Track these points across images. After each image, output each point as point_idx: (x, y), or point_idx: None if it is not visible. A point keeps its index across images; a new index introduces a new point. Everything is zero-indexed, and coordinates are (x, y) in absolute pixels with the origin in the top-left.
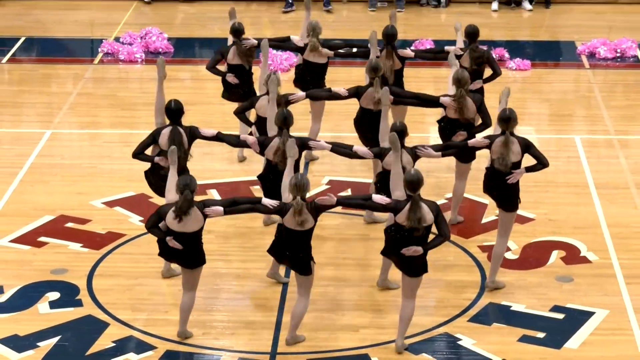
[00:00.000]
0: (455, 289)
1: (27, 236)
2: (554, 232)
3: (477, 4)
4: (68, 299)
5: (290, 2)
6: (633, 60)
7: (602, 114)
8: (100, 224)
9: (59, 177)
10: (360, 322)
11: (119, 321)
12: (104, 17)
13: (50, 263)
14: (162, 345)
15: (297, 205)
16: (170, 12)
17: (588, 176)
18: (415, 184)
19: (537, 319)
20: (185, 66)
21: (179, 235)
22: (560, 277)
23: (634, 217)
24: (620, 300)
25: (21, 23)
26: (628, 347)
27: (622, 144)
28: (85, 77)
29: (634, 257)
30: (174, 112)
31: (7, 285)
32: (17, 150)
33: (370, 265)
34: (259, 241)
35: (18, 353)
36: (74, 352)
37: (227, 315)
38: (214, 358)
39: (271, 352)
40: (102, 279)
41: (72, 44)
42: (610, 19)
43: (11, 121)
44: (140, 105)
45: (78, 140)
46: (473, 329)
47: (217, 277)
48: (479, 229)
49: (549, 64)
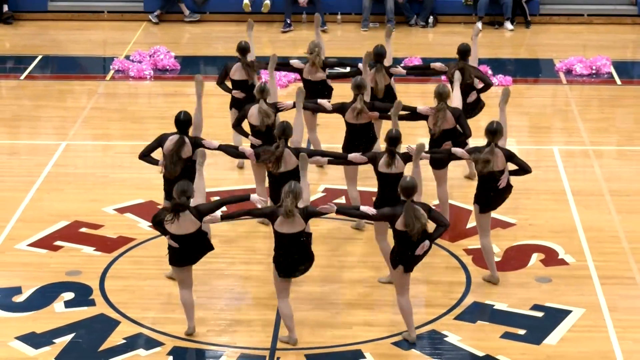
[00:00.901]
0: (442, 289)
1: (44, 240)
2: (533, 236)
3: (462, 24)
4: (82, 299)
5: (289, 23)
6: (607, 76)
7: (578, 126)
8: (111, 229)
9: (73, 185)
10: (353, 320)
11: (129, 319)
12: (116, 37)
13: (65, 265)
14: (169, 341)
15: (286, 208)
16: (177, 32)
17: (565, 184)
18: (410, 190)
19: (518, 317)
20: (191, 82)
21: (176, 236)
22: (539, 278)
23: (608, 222)
24: (596, 299)
25: (38, 42)
26: (603, 343)
27: (596, 154)
28: (98, 92)
29: (608, 259)
30: (182, 122)
31: (25, 286)
32: (34, 160)
33: (362, 267)
34: (259, 245)
35: (35, 349)
36: (88, 348)
37: (229, 314)
38: (217, 354)
39: (271, 347)
40: (114, 280)
41: (86, 61)
42: (586, 38)
43: (29, 133)
44: (148, 119)
45: (91, 151)
46: (458, 326)
47: (220, 278)
48: (464, 234)
49: (529, 80)
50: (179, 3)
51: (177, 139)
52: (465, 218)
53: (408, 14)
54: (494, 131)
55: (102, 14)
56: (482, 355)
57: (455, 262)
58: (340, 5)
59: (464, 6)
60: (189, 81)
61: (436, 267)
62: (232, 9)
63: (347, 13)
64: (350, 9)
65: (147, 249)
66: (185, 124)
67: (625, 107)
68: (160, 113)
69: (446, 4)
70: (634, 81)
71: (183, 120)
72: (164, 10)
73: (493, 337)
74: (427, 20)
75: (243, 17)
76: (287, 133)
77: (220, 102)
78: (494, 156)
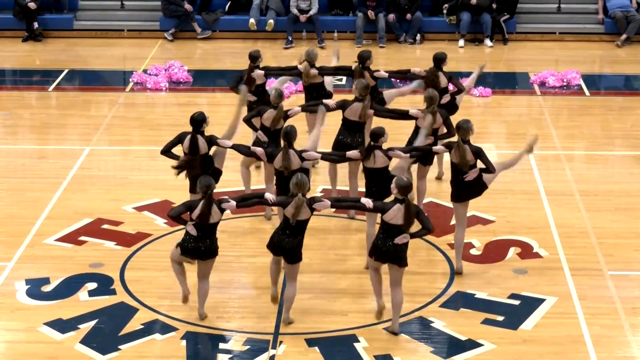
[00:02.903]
0: (428, 279)
1: (69, 236)
2: (511, 232)
3: (446, 41)
4: (104, 289)
5: (290, 40)
6: (577, 88)
7: (551, 133)
8: (131, 226)
9: (96, 186)
10: (349, 307)
11: (146, 307)
12: (134, 53)
13: (89, 258)
14: (183, 327)
15: (298, 200)
16: (190, 48)
17: (539, 185)
18: (407, 188)
19: (497, 305)
20: (202, 93)
21: (199, 226)
22: (516, 269)
23: (577, 219)
24: (567, 289)
25: (65, 57)
26: (573, 328)
27: (567, 158)
28: (118, 102)
29: (578, 253)
30: (197, 121)
31: (53, 277)
32: (61, 163)
33: (356, 257)
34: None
35: (62, 334)
36: (109, 332)
37: (237, 302)
38: (226, 338)
39: (274, 332)
40: (133, 271)
41: (108, 75)
42: (558, 53)
43: (56, 139)
44: (164, 126)
45: (112, 155)
46: (443, 313)
47: (229, 270)
48: (447, 230)
49: (507, 91)
50: (192, 22)
51: (191, 136)
52: (449, 215)
53: (398, 32)
54: (458, 127)
55: (123, 32)
56: (465, 339)
57: (441, 255)
58: (336, 24)
59: (448, 25)
60: (200, 92)
61: (423, 259)
62: (240, 27)
63: (343, 31)
64: (345, 27)
65: (163, 243)
66: (199, 123)
67: (593, 115)
68: (175, 121)
69: (432, 23)
70: (601, 92)
71: (198, 119)
72: (178, 29)
73: (474, 323)
74: (415, 38)
75: (249, 35)
76: (290, 137)
77: (230, 112)
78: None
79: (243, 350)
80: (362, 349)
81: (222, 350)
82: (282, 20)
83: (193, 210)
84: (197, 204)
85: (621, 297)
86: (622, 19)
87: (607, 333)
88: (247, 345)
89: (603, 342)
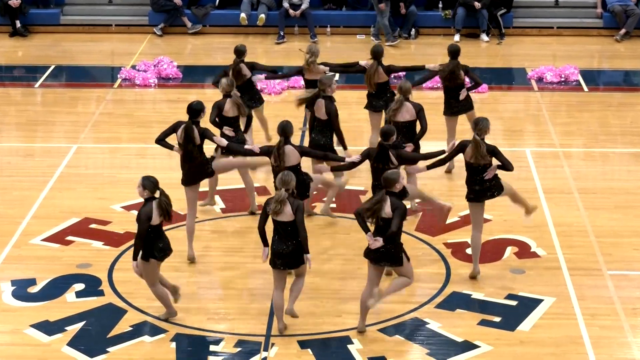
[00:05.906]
0: (423, 279)
1: (56, 235)
2: (508, 230)
3: (442, 36)
4: (92, 290)
5: (282, 35)
6: (575, 84)
7: (548, 129)
8: (119, 225)
9: (83, 184)
10: (342, 308)
11: (135, 308)
12: (123, 48)
13: (76, 259)
14: (172, 329)
15: (279, 196)
16: (180, 44)
17: (537, 183)
18: (388, 181)
19: (494, 306)
20: (192, 89)
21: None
22: (513, 269)
23: (576, 217)
24: (565, 289)
25: (51, 53)
26: (572, 329)
27: (565, 155)
28: (106, 99)
29: (576, 252)
30: (195, 110)
31: (40, 278)
32: (48, 161)
33: (350, 259)
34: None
35: (49, 336)
36: (97, 335)
37: (228, 303)
38: (216, 339)
39: (266, 334)
40: (121, 272)
41: (95, 71)
42: (555, 49)
43: (43, 137)
44: (153, 123)
45: (100, 153)
46: (439, 314)
47: (220, 270)
48: (444, 229)
49: (503, 87)
50: (182, 17)
51: (186, 125)
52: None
53: (393, 27)
54: (476, 123)
55: (110, 27)
56: (461, 341)
57: (436, 254)
58: (329, 18)
59: (443, 19)
60: (190, 89)
61: (418, 259)
62: (230, 22)
63: (336, 26)
64: (338, 22)
65: None
66: (196, 112)
67: (591, 111)
68: (164, 118)
69: (427, 18)
70: (599, 88)
71: (195, 108)
72: (167, 24)
73: (471, 324)
74: (410, 33)
75: (240, 29)
76: (287, 131)
77: None
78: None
79: (234, 352)
80: (356, 351)
81: (213, 353)
82: (273, 15)
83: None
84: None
85: (621, 297)
86: (621, 13)
87: (606, 334)
88: (238, 347)
89: (602, 344)
